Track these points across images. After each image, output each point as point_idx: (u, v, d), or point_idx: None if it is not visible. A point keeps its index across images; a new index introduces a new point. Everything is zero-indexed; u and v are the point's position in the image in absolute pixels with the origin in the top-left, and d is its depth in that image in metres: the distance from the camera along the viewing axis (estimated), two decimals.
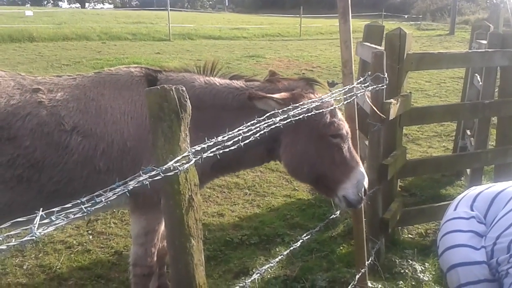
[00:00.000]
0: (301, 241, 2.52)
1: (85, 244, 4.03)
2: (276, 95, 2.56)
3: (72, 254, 3.88)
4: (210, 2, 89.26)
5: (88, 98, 2.56)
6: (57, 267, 3.67)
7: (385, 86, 3.15)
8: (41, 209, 1.09)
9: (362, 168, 2.69)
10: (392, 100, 3.40)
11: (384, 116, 3.23)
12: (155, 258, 2.80)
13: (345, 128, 2.66)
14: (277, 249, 3.99)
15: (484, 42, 5.22)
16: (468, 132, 5.85)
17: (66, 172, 2.44)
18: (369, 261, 3.27)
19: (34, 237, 1.04)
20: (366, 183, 2.69)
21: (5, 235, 1.05)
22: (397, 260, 3.70)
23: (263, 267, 2.20)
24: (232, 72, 2.98)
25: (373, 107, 3.18)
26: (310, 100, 2.37)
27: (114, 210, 4.40)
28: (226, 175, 3.53)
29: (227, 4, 74.89)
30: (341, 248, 4.05)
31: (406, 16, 42.68)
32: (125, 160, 2.52)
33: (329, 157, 2.63)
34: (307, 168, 2.68)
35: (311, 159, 2.64)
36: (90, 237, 4.15)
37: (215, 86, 2.75)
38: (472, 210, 2.06)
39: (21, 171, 2.36)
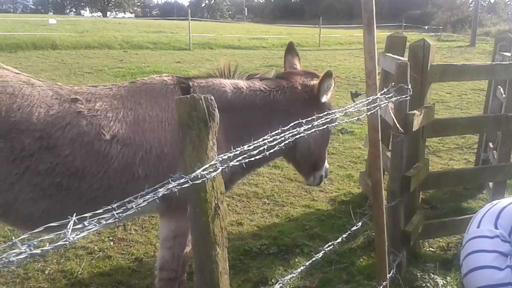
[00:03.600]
0: (323, 252, 2.51)
1: (106, 250, 4.06)
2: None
3: (93, 260, 3.91)
4: (230, 12, 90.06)
5: (126, 108, 2.62)
6: (78, 273, 3.71)
7: (408, 97, 3.13)
8: (74, 214, 1.10)
9: None
10: (415, 111, 3.38)
11: (402, 130, 3.21)
12: (181, 262, 2.82)
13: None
14: (296, 260, 3.97)
15: (508, 54, 5.16)
16: (491, 144, 5.77)
17: (106, 179, 2.49)
18: (391, 274, 3.22)
19: (67, 242, 1.06)
20: None
21: (39, 239, 1.07)
22: (418, 274, 3.64)
23: (285, 278, 2.19)
24: (247, 72, 3.23)
25: (394, 119, 3.16)
26: (334, 110, 2.38)
27: (135, 217, 4.43)
28: (254, 170, 3.87)
29: (246, 14, 75.40)
30: (361, 260, 4.01)
31: (426, 27, 42.44)
32: (161, 166, 2.58)
33: (327, 142, 3.23)
34: (317, 152, 3.12)
35: (322, 143, 3.12)
36: (111, 243, 4.19)
37: (243, 89, 2.93)
38: (496, 227, 2.02)
39: (60, 179, 2.40)
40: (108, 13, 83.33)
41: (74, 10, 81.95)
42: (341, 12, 61.94)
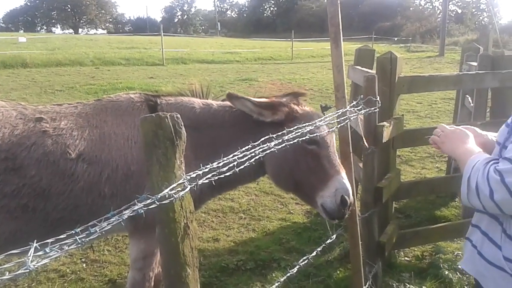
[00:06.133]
0: (297, 266, 2.50)
1: (78, 272, 3.97)
2: (253, 98, 2.74)
3: (66, 283, 3.82)
4: (203, 27, 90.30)
5: (92, 126, 2.59)
6: None
7: (377, 109, 3.17)
8: (35, 241, 1.07)
9: (343, 177, 2.63)
10: (385, 123, 3.42)
11: (367, 145, 3.25)
12: (152, 283, 2.77)
13: (321, 135, 2.63)
14: (273, 275, 3.95)
15: (475, 64, 5.29)
16: None
17: (72, 199, 2.44)
18: (367, 286, 3.23)
19: (28, 270, 1.03)
20: (347, 192, 2.59)
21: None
22: (394, 284, 3.67)
23: None
24: (222, 95, 3.07)
25: (362, 133, 3.20)
26: (304, 124, 2.38)
27: (108, 237, 4.35)
28: (224, 192, 3.59)
29: (219, 29, 75.68)
30: (338, 272, 4.01)
31: (396, 39, 43.26)
32: (128, 184, 2.54)
33: (305, 164, 2.66)
34: (285, 175, 2.74)
35: (289, 165, 2.68)
36: (84, 265, 4.09)
37: (212, 106, 2.88)
38: None
39: (26, 200, 2.35)
40: (80, 29, 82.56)
41: (45, 28, 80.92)
42: (312, 25, 62.71)
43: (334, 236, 3.03)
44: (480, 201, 1.62)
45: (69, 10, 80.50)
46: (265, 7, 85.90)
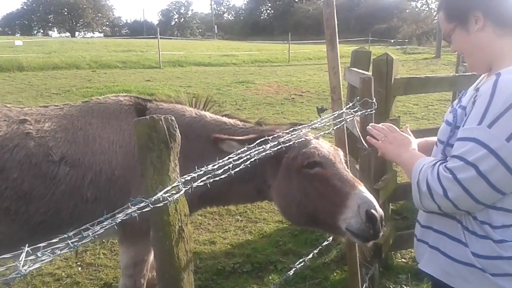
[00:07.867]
0: (294, 269, 2.49)
1: (74, 276, 3.95)
2: (238, 137, 2.52)
3: (61, 286, 3.79)
4: (200, 30, 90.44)
5: (76, 128, 2.55)
6: None
7: (373, 111, 3.17)
8: (27, 245, 1.06)
9: (362, 191, 2.24)
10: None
11: (367, 145, 3.23)
12: None
13: (321, 154, 2.41)
14: (270, 277, 3.94)
15: None
16: None
17: (54, 203, 2.41)
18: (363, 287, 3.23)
19: (19, 275, 1.01)
20: (372, 205, 2.18)
21: None
22: (391, 286, 3.66)
23: None
24: (225, 111, 2.98)
25: (360, 134, 3.19)
26: (301, 126, 2.36)
27: (104, 240, 4.33)
28: (214, 206, 3.48)
29: (216, 32, 75.80)
30: (335, 274, 4.00)
31: (392, 41, 43.38)
32: (113, 189, 2.50)
33: (314, 191, 2.33)
34: (295, 209, 2.42)
35: (296, 198, 2.39)
36: (79, 268, 4.07)
37: (205, 118, 2.77)
38: None
39: (8, 203, 2.33)
40: (77, 33, 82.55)
41: (41, 31, 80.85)
42: (309, 28, 62.90)
43: (331, 238, 3.03)
44: (435, 202, 1.64)
45: (65, 13, 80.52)
46: (262, 9, 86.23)
